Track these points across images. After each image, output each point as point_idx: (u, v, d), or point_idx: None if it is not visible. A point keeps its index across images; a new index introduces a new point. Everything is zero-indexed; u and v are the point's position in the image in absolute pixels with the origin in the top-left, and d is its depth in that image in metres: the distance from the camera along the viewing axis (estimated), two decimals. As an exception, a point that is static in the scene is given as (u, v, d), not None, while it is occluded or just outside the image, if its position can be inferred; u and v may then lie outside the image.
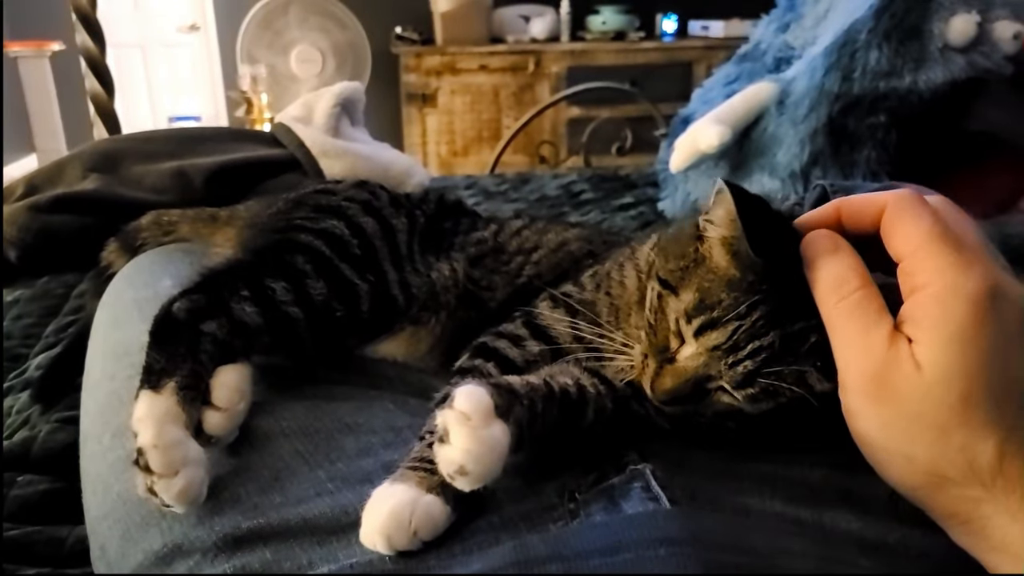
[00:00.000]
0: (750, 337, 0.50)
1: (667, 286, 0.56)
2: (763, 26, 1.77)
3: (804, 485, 0.53)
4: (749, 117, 1.51)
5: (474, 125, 4.46)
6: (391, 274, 0.73)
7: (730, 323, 0.51)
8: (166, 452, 0.51)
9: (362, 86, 1.57)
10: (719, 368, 0.52)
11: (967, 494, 0.44)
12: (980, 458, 0.43)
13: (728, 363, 0.51)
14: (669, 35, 4.63)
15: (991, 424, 0.43)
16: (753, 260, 0.50)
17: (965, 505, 0.44)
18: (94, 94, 1.87)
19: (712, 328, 0.52)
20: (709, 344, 0.52)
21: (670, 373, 0.54)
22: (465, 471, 0.46)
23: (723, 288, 0.52)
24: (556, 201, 1.87)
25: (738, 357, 0.51)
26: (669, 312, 0.55)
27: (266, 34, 4.09)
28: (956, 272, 0.45)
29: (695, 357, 0.53)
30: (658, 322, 0.56)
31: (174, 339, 0.58)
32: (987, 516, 0.44)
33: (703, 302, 0.52)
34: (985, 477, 0.43)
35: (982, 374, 0.43)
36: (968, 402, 0.43)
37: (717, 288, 0.52)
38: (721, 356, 0.52)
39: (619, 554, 0.43)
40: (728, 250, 0.53)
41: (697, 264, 0.55)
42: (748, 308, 0.50)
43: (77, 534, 0.75)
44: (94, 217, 1.19)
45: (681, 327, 0.54)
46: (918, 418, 0.44)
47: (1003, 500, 0.43)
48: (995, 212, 1.38)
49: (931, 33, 1.37)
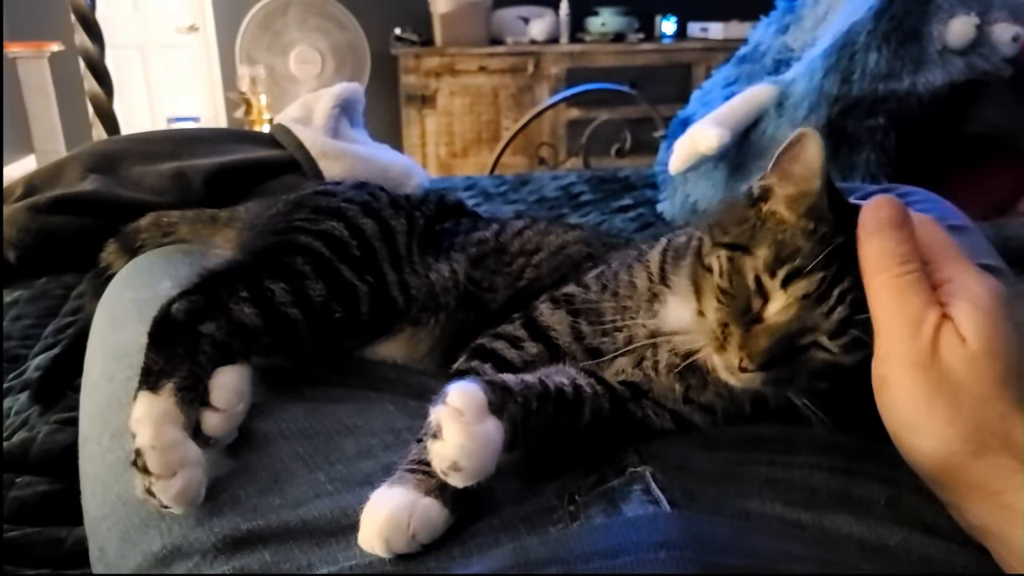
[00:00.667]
0: (834, 284, 0.51)
1: (736, 248, 0.55)
2: (762, 28, 1.77)
3: (804, 488, 0.53)
4: (748, 119, 1.51)
5: (473, 126, 4.46)
6: (390, 275, 0.73)
7: (816, 271, 0.51)
8: (164, 453, 0.51)
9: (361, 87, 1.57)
10: (814, 319, 0.51)
11: (1004, 463, 0.45)
12: (1014, 432, 0.45)
13: (824, 312, 0.51)
14: (668, 37, 4.63)
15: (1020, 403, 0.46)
16: (826, 212, 0.52)
17: (1001, 474, 0.45)
18: (93, 95, 1.86)
19: (799, 276, 0.51)
20: (799, 293, 0.51)
21: (762, 333, 0.52)
22: (458, 467, 0.46)
23: (799, 240, 0.52)
24: (555, 202, 1.87)
25: (831, 305, 0.50)
26: (747, 271, 0.54)
27: (265, 35, 4.09)
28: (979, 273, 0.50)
29: (786, 310, 0.52)
30: (735, 284, 0.54)
31: (173, 340, 0.58)
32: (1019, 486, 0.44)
33: (780, 254, 0.52)
34: (1018, 450, 0.45)
35: (1014, 353, 0.47)
36: (1007, 377, 0.46)
37: (793, 239, 0.52)
38: (812, 305, 0.51)
39: (619, 557, 0.43)
40: (796, 206, 0.53)
41: (764, 221, 0.55)
42: (828, 258, 0.51)
43: (76, 535, 0.75)
44: (93, 218, 1.19)
45: (764, 282, 0.53)
46: (963, 386, 0.46)
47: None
48: (994, 214, 1.38)
49: (930, 35, 1.37)
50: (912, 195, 0.92)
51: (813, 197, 0.52)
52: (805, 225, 0.52)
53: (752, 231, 0.55)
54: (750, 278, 0.53)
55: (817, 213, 0.52)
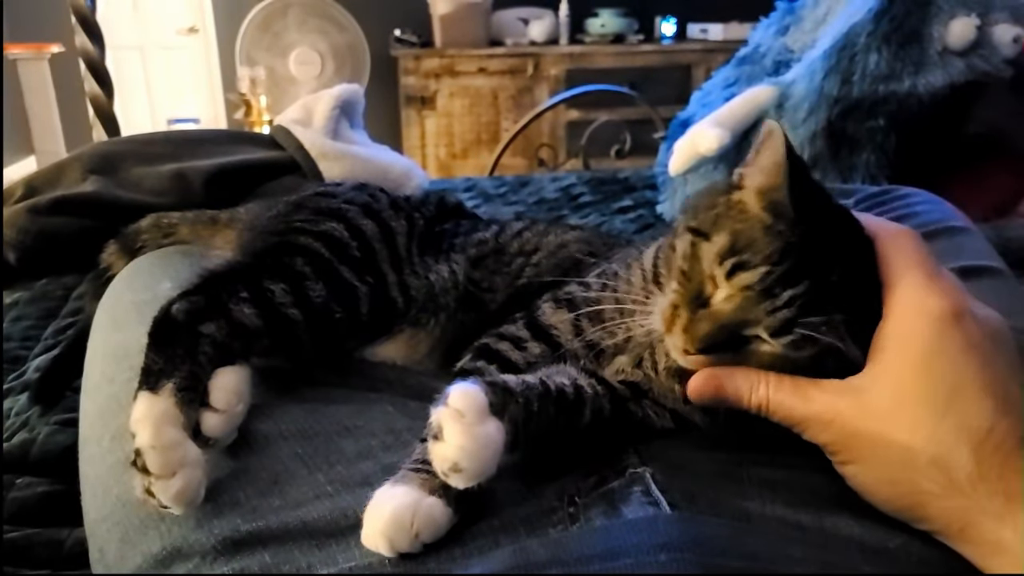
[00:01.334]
0: (784, 284, 0.50)
1: (698, 233, 0.55)
2: (762, 29, 1.77)
3: (805, 489, 0.53)
4: (748, 120, 1.51)
5: (473, 128, 4.46)
6: (390, 276, 0.73)
7: (761, 266, 0.50)
8: (164, 453, 0.51)
9: (361, 88, 1.57)
10: (757, 314, 0.51)
11: (952, 505, 0.45)
12: (956, 467, 0.45)
13: (767, 308, 0.50)
14: (668, 38, 4.63)
15: (962, 430, 0.45)
16: (786, 208, 0.51)
17: (953, 515, 0.46)
18: (93, 96, 1.86)
19: (743, 269, 0.51)
20: (741, 284, 0.51)
21: (705, 317, 0.52)
22: (459, 468, 0.46)
23: (755, 233, 0.52)
24: (555, 204, 1.87)
25: (776, 304, 0.50)
26: (703, 257, 0.54)
27: (265, 36, 4.09)
28: (925, 294, 0.49)
29: (729, 299, 0.52)
30: (692, 269, 0.55)
31: (173, 341, 0.58)
32: (975, 523, 0.45)
33: (735, 245, 0.52)
34: (964, 485, 0.45)
35: (944, 385, 0.46)
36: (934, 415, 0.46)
37: (748, 232, 0.52)
38: (756, 299, 0.50)
39: (619, 559, 0.43)
40: (762, 198, 0.53)
41: (729, 210, 0.55)
42: (780, 255, 0.50)
43: (76, 536, 0.75)
44: (93, 219, 1.19)
45: (714, 270, 0.53)
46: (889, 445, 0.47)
47: (987, 504, 0.44)
48: (994, 215, 1.38)
49: (930, 36, 1.37)
50: (912, 196, 0.92)
51: (776, 191, 0.52)
52: (764, 219, 0.52)
53: (716, 218, 0.55)
54: (705, 264, 0.53)
55: (777, 209, 0.52)
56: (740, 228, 0.53)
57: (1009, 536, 0.43)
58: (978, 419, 0.45)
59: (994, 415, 0.45)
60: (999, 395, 0.46)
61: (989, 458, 0.44)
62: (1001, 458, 0.44)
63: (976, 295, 0.51)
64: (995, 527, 0.44)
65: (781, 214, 0.51)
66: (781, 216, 0.51)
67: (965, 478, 0.44)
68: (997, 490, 0.44)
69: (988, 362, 0.47)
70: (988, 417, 0.45)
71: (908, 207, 0.89)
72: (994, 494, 0.44)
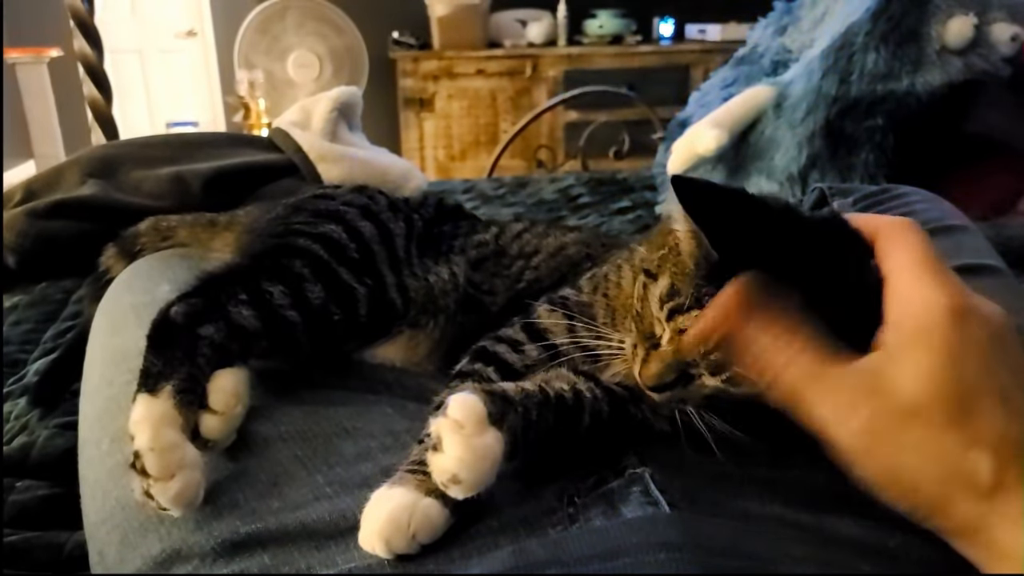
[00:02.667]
0: None
1: (649, 274, 0.57)
2: (760, 29, 1.77)
3: (804, 489, 0.53)
4: (746, 120, 1.51)
5: (471, 129, 4.46)
6: (389, 278, 0.73)
7: (694, 310, 0.51)
8: (163, 455, 0.51)
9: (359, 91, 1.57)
10: (693, 355, 0.52)
11: (972, 509, 0.44)
12: (979, 471, 0.43)
13: (700, 352, 0.51)
14: (666, 39, 4.64)
15: (983, 435, 0.44)
16: (709, 252, 0.51)
17: (971, 520, 0.44)
18: (92, 100, 1.87)
19: (679, 313, 0.52)
20: (678, 327, 0.52)
21: (655, 358, 0.54)
22: (458, 479, 0.46)
23: (686, 277, 0.53)
24: (554, 205, 1.88)
25: (707, 346, 0.51)
26: (651, 299, 0.55)
27: (263, 39, 4.09)
28: (932, 289, 0.47)
29: (671, 342, 0.53)
30: (644, 310, 0.56)
31: (171, 343, 0.58)
32: (993, 526, 0.44)
33: (673, 287, 0.53)
34: (986, 489, 0.43)
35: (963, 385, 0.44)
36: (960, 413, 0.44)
37: (682, 276, 0.53)
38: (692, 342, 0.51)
39: (618, 559, 0.43)
40: (692, 240, 0.53)
41: (670, 251, 0.55)
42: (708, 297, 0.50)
43: (76, 540, 0.75)
44: (92, 223, 1.19)
45: (658, 313, 0.54)
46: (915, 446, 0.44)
47: (1006, 510, 0.43)
48: (993, 214, 1.38)
49: (928, 36, 1.37)
50: (911, 195, 0.92)
51: (699, 234, 0.52)
52: (693, 261, 0.52)
53: (661, 259, 0.56)
54: (652, 306, 0.55)
55: (702, 252, 0.52)
56: (675, 271, 0.54)
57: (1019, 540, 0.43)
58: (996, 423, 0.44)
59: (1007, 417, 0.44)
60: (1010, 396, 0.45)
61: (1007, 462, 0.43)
62: (1018, 463, 0.44)
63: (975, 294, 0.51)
64: (1010, 532, 0.43)
65: (704, 256, 0.51)
66: (704, 259, 0.51)
67: (987, 482, 0.43)
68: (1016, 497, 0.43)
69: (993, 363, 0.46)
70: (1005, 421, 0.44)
71: (907, 206, 0.89)
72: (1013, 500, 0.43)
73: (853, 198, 0.93)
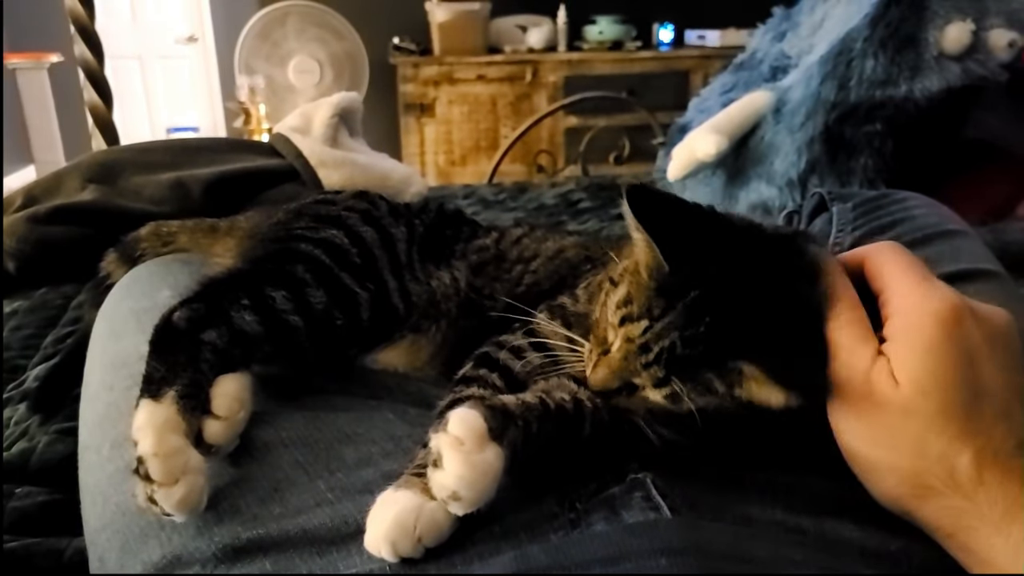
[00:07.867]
0: (658, 338, 0.51)
1: (612, 282, 0.58)
2: (759, 35, 1.78)
3: (805, 494, 0.53)
4: (746, 126, 1.51)
5: (472, 135, 4.47)
6: (391, 283, 0.73)
7: (642, 320, 0.52)
8: (166, 460, 0.51)
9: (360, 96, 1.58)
10: (636, 365, 0.53)
11: (950, 504, 0.45)
12: (959, 468, 0.45)
13: (642, 363, 0.52)
14: (666, 44, 4.65)
15: (967, 434, 0.45)
16: (661, 264, 0.52)
17: (949, 516, 0.46)
18: (92, 105, 1.87)
19: (629, 321, 0.53)
20: (626, 335, 0.53)
21: (603, 364, 0.55)
22: (458, 496, 0.46)
23: (640, 288, 0.54)
24: (554, 210, 1.88)
25: (648, 359, 0.52)
26: (609, 305, 0.56)
27: (264, 45, 4.10)
28: (923, 295, 0.49)
29: (620, 349, 0.54)
30: (601, 315, 0.57)
31: (174, 348, 0.58)
32: (971, 527, 0.45)
33: (628, 296, 0.54)
34: (966, 487, 0.45)
35: (954, 386, 0.46)
36: (944, 413, 0.46)
37: (636, 286, 0.54)
38: (637, 352, 0.52)
39: (620, 564, 0.43)
40: (649, 250, 0.54)
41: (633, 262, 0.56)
42: (661, 311, 0.51)
43: (76, 546, 0.75)
44: (92, 228, 1.19)
45: (612, 319, 0.55)
46: (900, 430, 0.47)
47: (986, 512, 0.44)
48: (992, 219, 1.38)
49: (926, 41, 1.38)
50: (909, 200, 0.92)
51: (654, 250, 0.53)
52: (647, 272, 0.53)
53: (625, 269, 0.57)
54: (609, 312, 0.56)
55: (655, 264, 0.53)
56: (633, 280, 0.55)
57: (1001, 548, 0.43)
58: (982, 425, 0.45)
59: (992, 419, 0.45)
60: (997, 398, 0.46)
61: (990, 463, 0.44)
62: (1001, 464, 0.45)
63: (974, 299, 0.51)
64: (988, 535, 0.44)
65: (659, 267, 0.52)
66: (659, 269, 0.52)
67: (968, 480, 0.44)
68: (997, 500, 0.44)
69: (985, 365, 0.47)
70: (990, 424, 0.45)
71: (905, 211, 0.89)
72: (994, 503, 0.44)
73: (852, 203, 0.93)
